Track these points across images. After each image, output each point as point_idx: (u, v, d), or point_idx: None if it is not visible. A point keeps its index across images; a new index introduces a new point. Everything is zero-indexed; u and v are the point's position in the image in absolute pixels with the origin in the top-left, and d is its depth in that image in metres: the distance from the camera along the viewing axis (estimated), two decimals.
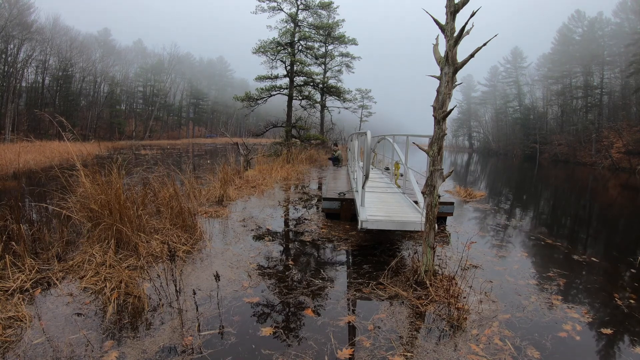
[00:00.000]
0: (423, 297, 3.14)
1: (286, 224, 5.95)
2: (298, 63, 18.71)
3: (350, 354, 2.36)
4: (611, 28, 36.54)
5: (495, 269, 4.08)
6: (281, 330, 2.64)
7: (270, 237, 4.98)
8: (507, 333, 2.68)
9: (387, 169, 10.51)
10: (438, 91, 3.38)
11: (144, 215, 4.33)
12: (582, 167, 29.70)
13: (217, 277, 3.03)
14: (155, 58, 57.28)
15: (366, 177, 4.38)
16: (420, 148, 3.68)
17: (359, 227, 4.14)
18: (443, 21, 3.34)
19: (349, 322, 2.77)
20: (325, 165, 15.23)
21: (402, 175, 7.43)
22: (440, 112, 3.34)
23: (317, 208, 6.91)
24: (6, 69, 35.03)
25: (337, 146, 15.57)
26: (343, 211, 6.08)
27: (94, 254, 3.59)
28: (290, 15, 19.03)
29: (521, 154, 43.63)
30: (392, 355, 2.35)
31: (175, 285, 3.01)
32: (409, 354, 2.38)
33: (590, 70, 37.58)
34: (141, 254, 3.78)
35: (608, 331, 2.84)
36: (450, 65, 3.29)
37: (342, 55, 24.57)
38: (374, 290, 3.33)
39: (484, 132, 59.59)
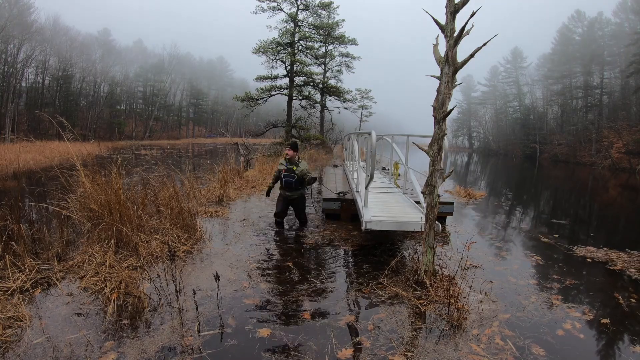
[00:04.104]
0: (423, 297, 3.14)
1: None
2: (298, 63, 18.72)
3: (350, 354, 2.36)
4: (611, 28, 36.52)
5: (495, 269, 4.08)
6: (281, 331, 2.64)
7: (270, 237, 4.98)
8: (508, 333, 2.68)
9: (384, 168, 10.50)
10: (438, 91, 3.38)
11: (144, 215, 4.33)
12: (582, 167, 29.70)
13: (217, 277, 3.02)
14: (155, 58, 57.24)
15: (371, 177, 4.36)
16: (420, 148, 3.68)
17: (363, 227, 4.12)
18: (443, 21, 3.34)
19: (349, 322, 2.77)
20: (325, 165, 15.22)
21: (400, 175, 7.43)
22: (440, 112, 3.34)
23: (317, 208, 6.91)
24: (6, 69, 35.01)
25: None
26: (343, 211, 6.07)
27: (94, 254, 3.58)
28: (290, 15, 19.04)
29: (521, 154, 43.64)
30: (393, 355, 2.35)
31: (175, 285, 3.01)
32: (409, 354, 2.38)
33: (590, 70, 37.57)
34: (141, 254, 3.78)
35: (609, 330, 2.84)
36: (450, 65, 3.29)
37: (342, 55, 24.61)
38: (374, 290, 3.33)
39: (484, 132, 59.57)
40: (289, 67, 18.77)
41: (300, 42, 19.57)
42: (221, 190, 7.42)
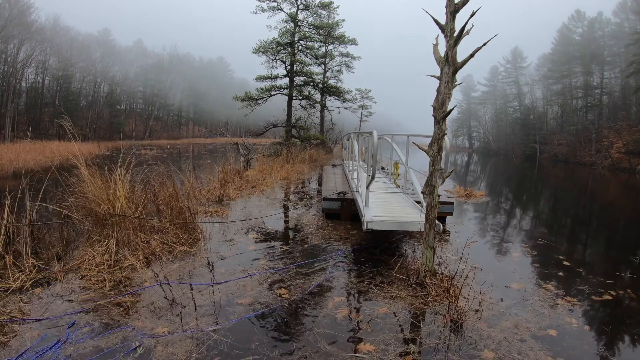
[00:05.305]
0: (423, 297, 3.14)
1: (286, 223, 5.95)
2: (298, 63, 18.70)
3: (350, 354, 2.36)
4: (611, 28, 36.48)
5: (495, 269, 4.08)
6: (280, 331, 2.64)
7: (270, 237, 4.98)
8: (508, 332, 2.68)
9: (383, 168, 10.53)
10: (438, 91, 3.39)
11: (144, 214, 4.33)
12: (582, 167, 29.70)
13: (215, 281, 3.03)
14: (155, 58, 57.26)
15: (372, 177, 4.36)
16: (420, 148, 3.68)
17: (364, 227, 4.12)
18: (443, 21, 3.34)
19: (349, 323, 2.77)
20: (324, 165, 15.23)
21: (399, 175, 7.43)
22: (440, 112, 3.34)
23: (317, 208, 6.91)
24: (6, 69, 35.00)
25: None
26: (343, 211, 6.08)
27: (94, 254, 3.59)
28: (290, 15, 19.02)
29: (521, 154, 43.63)
30: (392, 355, 2.36)
31: (173, 286, 3.01)
32: (408, 354, 2.38)
33: (590, 70, 37.52)
34: (141, 253, 3.78)
35: (609, 330, 2.84)
36: (450, 65, 3.29)
37: (342, 55, 24.58)
38: (374, 290, 3.33)
39: (484, 132, 59.56)
40: (289, 67, 18.75)
41: (300, 42, 19.54)
42: (221, 190, 7.43)
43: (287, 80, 19.03)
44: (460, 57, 3.32)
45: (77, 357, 2.24)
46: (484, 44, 3.17)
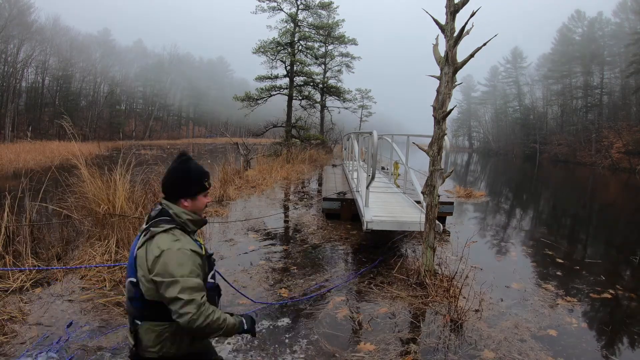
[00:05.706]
0: (423, 297, 3.14)
1: (286, 223, 5.95)
2: (298, 63, 18.70)
3: (351, 354, 2.36)
4: (611, 28, 36.50)
5: (495, 269, 4.08)
6: (281, 331, 2.64)
7: (270, 237, 4.98)
8: (508, 332, 2.68)
9: (383, 168, 10.53)
10: (438, 91, 3.39)
11: (144, 214, 4.33)
12: (582, 167, 29.70)
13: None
14: (155, 58, 57.27)
15: (372, 177, 4.36)
16: (420, 148, 3.68)
17: (364, 227, 4.12)
18: (443, 21, 3.34)
19: (348, 322, 2.77)
20: (325, 165, 15.22)
21: (399, 175, 7.43)
22: (440, 112, 3.35)
23: (317, 208, 6.91)
24: (6, 69, 34.99)
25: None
26: (343, 211, 6.07)
27: (94, 254, 3.59)
28: (290, 15, 19.02)
29: (521, 154, 43.62)
30: (393, 355, 2.36)
31: None
32: (409, 354, 2.38)
33: (590, 70, 37.53)
34: None
35: (609, 331, 2.85)
36: (450, 65, 3.29)
37: (342, 55, 24.56)
38: (374, 290, 3.33)
39: (484, 132, 59.55)
40: (289, 67, 18.75)
41: (300, 42, 19.53)
42: (221, 190, 7.43)
43: (287, 80, 19.04)
44: (460, 57, 3.32)
45: (78, 356, 2.24)
46: (484, 44, 3.17)
